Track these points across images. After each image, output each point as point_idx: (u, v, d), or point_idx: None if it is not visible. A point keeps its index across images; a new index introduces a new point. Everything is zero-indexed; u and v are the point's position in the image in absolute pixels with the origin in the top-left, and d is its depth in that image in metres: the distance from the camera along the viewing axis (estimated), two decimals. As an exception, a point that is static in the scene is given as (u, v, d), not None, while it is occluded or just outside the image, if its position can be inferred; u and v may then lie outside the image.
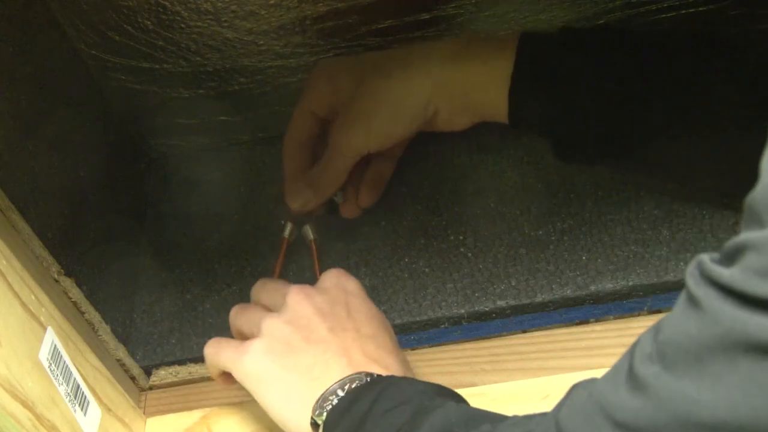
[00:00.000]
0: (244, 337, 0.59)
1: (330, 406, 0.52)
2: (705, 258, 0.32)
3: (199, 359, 0.69)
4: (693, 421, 0.31)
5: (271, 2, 0.68)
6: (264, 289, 0.62)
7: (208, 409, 0.66)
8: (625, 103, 0.59)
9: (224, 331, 0.70)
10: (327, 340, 0.55)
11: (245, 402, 0.65)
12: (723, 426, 0.30)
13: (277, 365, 0.55)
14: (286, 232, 0.71)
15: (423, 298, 0.68)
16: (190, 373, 0.68)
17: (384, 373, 0.53)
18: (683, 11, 0.70)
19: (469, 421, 0.47)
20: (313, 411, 0.52)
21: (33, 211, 0.58)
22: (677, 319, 0.33)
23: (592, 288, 0.65)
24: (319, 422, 0.52)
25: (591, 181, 0.70)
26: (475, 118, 0.66)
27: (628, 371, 0.35)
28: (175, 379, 0.69)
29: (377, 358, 0.55)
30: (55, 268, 0.59)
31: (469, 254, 0.69)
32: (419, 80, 0.64)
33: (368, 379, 0.52)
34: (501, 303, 0.66)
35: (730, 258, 0.31)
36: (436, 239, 0.70)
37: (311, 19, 0.69)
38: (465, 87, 0.63)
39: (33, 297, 0.54)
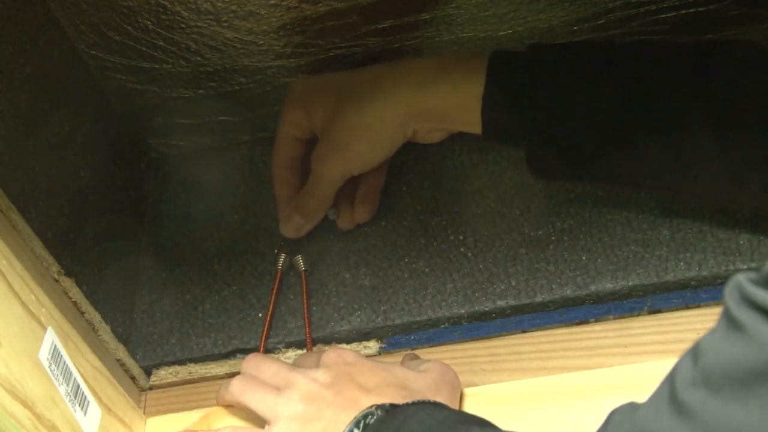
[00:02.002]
0: (249, 410, 0.60)
1: None
2: (743, 280, 0.32)
3: (199, 359, 0.69)
4: None
5: (271, 2, 0.68)
6: (263, 369, 0.61)
7: (208, 409, 0.66)
8: (594, 118, 0.59)
9: (224, 331, 0.70)
10: (336, 401, 0.56)
11: (245, 402, 0.65)
12: None
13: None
14: (280, 263, 0.70)
15: (423, 298, 0.68)
16: (190, 373, 0.68)
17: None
18: (683, 11, 0.70)
19: None
20: None
21: (33, 211, 0.58)
22: (720, 342, 0.32)
23: (592, 288, 0.65)
24: None
25: (591, 181, 0.70)
26: (452, 131, 0.68)
27: (670, 397, 0.34)
28: (175, 379, 0.69)
29: (386, 397, 0.55)
30: (55, 268, 0.59)
31: (469, 254, 0.69)
32: (392, 108, 0.64)
33: (380, 412, 0.53)
34: (501, 303, 0.66)
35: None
36: (436, 239, 0.70)
37: (311, 19, 0.69)
38: (438, 110, 0.64)
39: (33, 297, 0.54)
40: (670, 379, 0.35)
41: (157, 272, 0.74)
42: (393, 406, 0.53)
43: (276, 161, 0.72)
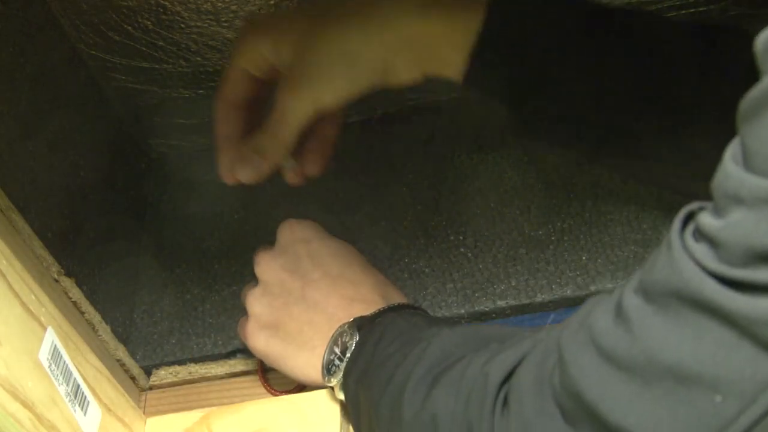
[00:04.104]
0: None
1: (335, 369, 0.57)
2: (696, 210, 0.34)
3: (199, 359, 0.69)
4: (657, 359, 0.33)
5: (271, 2, 0.68)
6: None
7: (208, 409, 0.65)
8: (597, 85, 0.55)
9: (224, 331, 0.70)
10: (304, 297, 0.60)
11: (245, 402, 0.65)
12: (679, 370, 0.32)
13: (274, 339, 0.61)
14: None
15: (423, 298, 0.68)
16: (190, 373, 0.69)
17: (366, 309, 0.58)
18: (683, 11, 0.70)
19: (469, 342, 0.49)
20: (323, 377, 0.58)
21: (33, 211, 0.58)
22: (660, 258, 0.34)
23: (592, 288, 0.65)
24: (333, 384, 0.58)
25: (591, 181, 0.70)
26: (427, 73, 0.60)
27: (617, 301, 0.36)
28: (175, 379, 0.69)
29: (354, 296, 0.60)
30: (55, 268, 0.59)
31: (469, 254, 0.69)
32: (380, 32, 0.57)
33: (354, 329, 0.56)
34: (501, 303, 0.66)
35: (696, 232, 0.33)
36: (436, 239, 0.70)
37: (311, 19, 0.69)
38: (427, 41, 0.57)
39: (33, 297, 0.54)
40: (623, 286, 0.37)
41: (157, 272, 0.74)
42: (364, 318, 0.57)
43: (221, 97, 0.61)
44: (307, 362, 0.59)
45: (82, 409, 0.56)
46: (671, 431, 0.33)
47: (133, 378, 0.68)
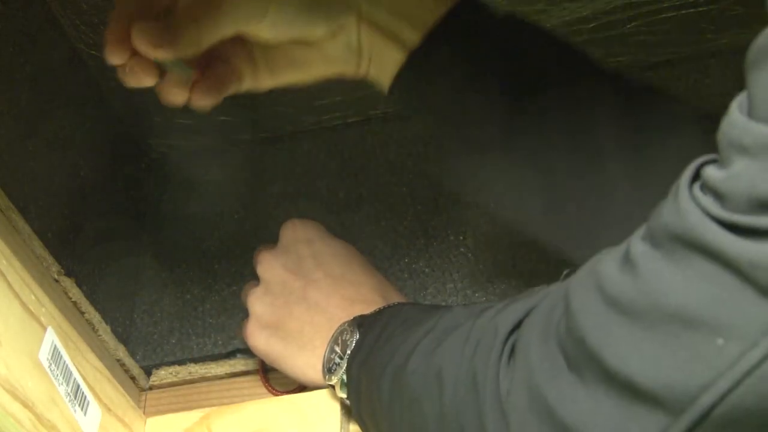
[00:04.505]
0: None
1: (335, 367, 0.57)
2: (703, 164, 0.34)
3: (199, 359, 0.69)
4: (661, 303, 0.33)
5: (271, 2, 0.68)
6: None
7: (208, 409, 0.65)
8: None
9: (224, 331, 0.70)
10: (305, 297, 0.60)
11: (245, 402, 0.65)
12: (682, 313, 0.32)
13: (274, 339, 0.61)
14: None
15: (423, 298, 0.68)
16: (190, 373, 0.68)
17: (366, 310, 0.58)
18: (683, 11, 0.70)
19: (475, 311, 0.48)
20: (324, 376, 0.58)
21: (33, 211, 0.58)
22: (667, 205, 0.34)
23: (592, 288, 0.65)
24: (333, 382, 0.57)
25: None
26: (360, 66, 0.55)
27: (626, 249, 0.36)
28: (175, 379, 0.69)
29: (355, 296, 0.60)
30: (55, 268, 0.59)
31: (469, 254, 0.69)
32: None
33: (354, 328, 0.56)
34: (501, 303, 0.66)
35: (703, 186, 0.33)
36: (436, 239, 0.70)
37: (311, 19, 0.69)
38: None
39: (33, 297, 0.54)
40: (631, 236, 0.37)
41: (157, 272, 0.74)
42: (365, 317, 0.57)
43: None
44: (307, 362, 0.59)
45: (82, 409, 0.56)
46: (672, 374, 0.33)
47: (133, 378, 0.68)
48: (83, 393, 0.57)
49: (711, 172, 0.32)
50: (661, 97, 0.52)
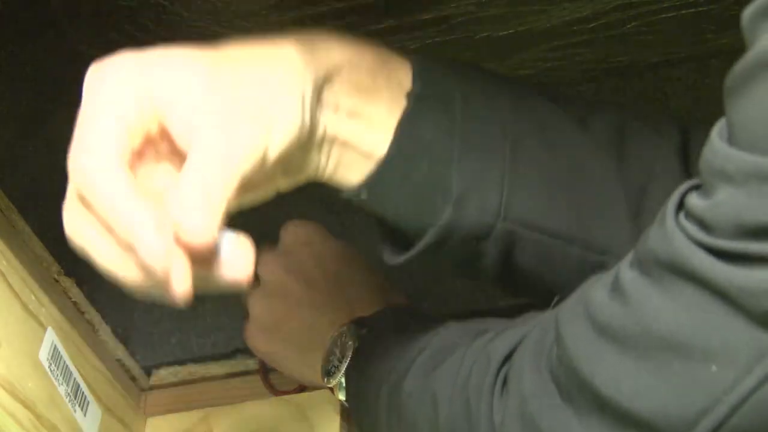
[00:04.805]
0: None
1: (334, 370, 0.57)
2: (688, 191, 0.34)
3: (199, 359, 0.69)
4: (652, 330, 0.33)
5: (271, 2, 0.68)
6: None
7: (208, 409, 0.66)
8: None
9: (224, 331, 0.70)
10: (305, 298, 0.61)
11: (245, 402, 0.65)
12: (674, 341, 0.32)
13: (274, 340, 0.61)
14: None
15: (423, 298, 0.67)
16: (190, 373, 0.69)
17: (367, 311, 0.57)
18: (683, 11, 0.70)
19: (470, 332, 0.47)
20: (323, 378, 0.57)
21: (33, 211, 0.58)
22: (655, 231, 0.34)
23: (592, 288, 0.65)
24: (332, 385, 0.57)
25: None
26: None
27: (615, 275, 0.36)
28: (175, 379, 0.69)
29: (356, 298, 0.60)
30: (55, 268, 0.59)
31: (469, 254, 0.69)
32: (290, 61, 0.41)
33: (354, 330, 0.56)
34: (501, 303, 0.66)
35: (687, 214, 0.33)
36: (436, 239, 0.70)
37: (311, 19, 0.69)
38: (365, 72, 0.44)
39: (33, 297, 0.54)
40: (620, 263, 0.37)
41: (157, 272, 0.74)
42: (364, 320, 0.57)
43: (101, 166, 0.39)
44: (307, 363, 0.60)
45: (82, 409, 0.56)
46: (667, 401, 0.33)
47: (133, 378, 0.68)
48: (83, 393, 0.57)
49: (694, 201, 0.32)
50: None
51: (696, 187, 0.33)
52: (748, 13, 0.30)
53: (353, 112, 0.44)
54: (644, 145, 0.49)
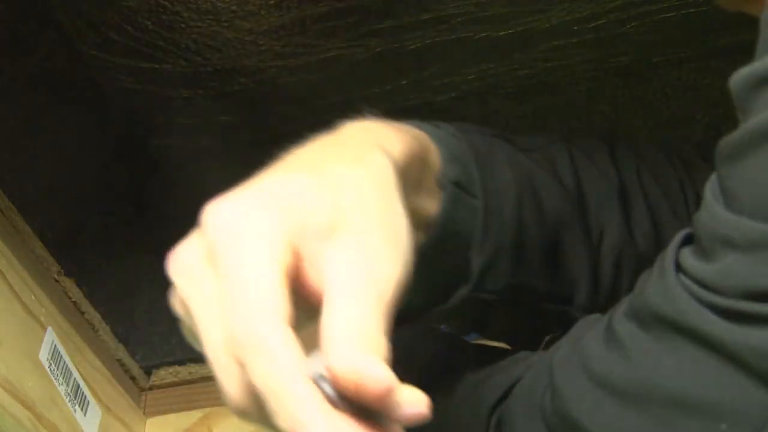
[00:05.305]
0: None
1: None
2: (682, 243, 0.33)
3: (200, 359, 0.69)
4: (656, 386, 0.33)
5: (271, 2, 0.68)
6: None
7: (208, 409, 0.66)
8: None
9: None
10: None
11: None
12: (680, 398, 0.32)
13: None
14: None
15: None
16: (190, 373, 0.69)
17: None
18: (683, 11, 0.70)
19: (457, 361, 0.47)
20: None
21: (33, 211, 0.58)
22: (653, 285, 0.34)
23: (592, 288, 0.65)
24: None
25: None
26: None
27: (607, 325, 0.36)
28: (175, 379, 0.69)
29: None
30: (55, 268, 0.59)
31: (469, 254, 0.69)
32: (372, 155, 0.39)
33: None
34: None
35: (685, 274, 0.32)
36: (436, 239, 0.70)
37: (311, 19, 0.69)
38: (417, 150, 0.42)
39: (33, 297, 0.54)
40: (612, 310, 0.36)
41: (157, 272, 0.74)
42: None
43: (271, 322, 0.30)
44: None
45: (82, 409, 0.56)
46: None
47: (133, 378, 0.68)
48: (83, 393, 0.57)
49: (695, 265, 0.32)
50: None
51: (687, 242, 0.33)
52: (739, 79, 0.30)
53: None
54: (593, 185, 0.50)
